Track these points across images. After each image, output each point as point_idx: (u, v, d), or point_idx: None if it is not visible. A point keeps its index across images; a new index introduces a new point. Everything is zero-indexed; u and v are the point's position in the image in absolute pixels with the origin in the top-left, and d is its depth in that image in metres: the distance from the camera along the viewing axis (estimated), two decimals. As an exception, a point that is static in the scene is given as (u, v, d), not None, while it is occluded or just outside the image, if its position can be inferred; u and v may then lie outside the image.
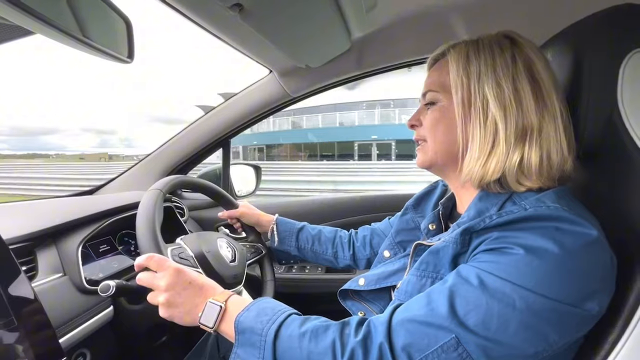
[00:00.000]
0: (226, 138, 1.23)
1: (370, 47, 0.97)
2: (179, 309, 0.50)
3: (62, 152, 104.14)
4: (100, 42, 0.51)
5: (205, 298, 0.50)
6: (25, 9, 0.38)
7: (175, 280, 0.51)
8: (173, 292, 0.50)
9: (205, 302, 0.49)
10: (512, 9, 0.81)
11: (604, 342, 0.41)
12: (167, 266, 0.53)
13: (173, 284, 0.51)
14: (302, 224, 0.89)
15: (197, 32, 0.74)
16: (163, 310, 0.51)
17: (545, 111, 0.44)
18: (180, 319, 0.50)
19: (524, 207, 0.41)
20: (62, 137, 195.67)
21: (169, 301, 0.50)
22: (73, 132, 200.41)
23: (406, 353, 0.38)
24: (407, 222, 0.67)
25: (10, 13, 0.38)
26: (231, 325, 0.46)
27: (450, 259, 0.44)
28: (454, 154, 0.49)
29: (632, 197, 0.44)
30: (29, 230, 0.67)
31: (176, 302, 0.50)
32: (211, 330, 0.48)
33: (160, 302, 0.51)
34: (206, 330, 0.49)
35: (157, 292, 0.52)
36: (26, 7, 0.38)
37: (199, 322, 0.49)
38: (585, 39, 0.50)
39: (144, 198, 0.68)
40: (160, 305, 0.51)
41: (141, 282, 0.53)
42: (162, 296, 0.51)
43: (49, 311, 0.52)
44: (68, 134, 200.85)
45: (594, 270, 0.38)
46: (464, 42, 0.50)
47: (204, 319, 0.48)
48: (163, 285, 0.51)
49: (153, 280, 0.52)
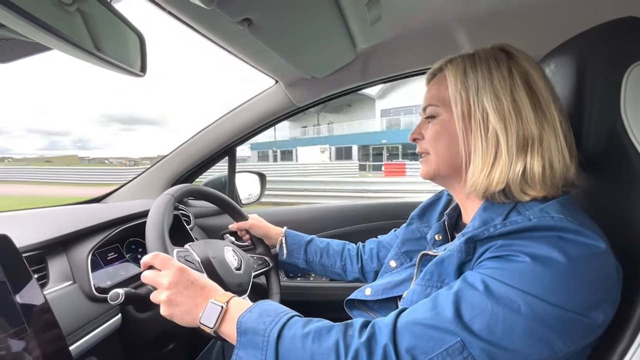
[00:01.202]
0: (232, 146, 1.24)
1: (374, 58, 0.99)
2: (180, 307, 0.50)
3: (8, 155, 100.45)
4: (114, 56, 0.53)
5: (206, 298, 0.50)
6: (42, 25, 0.39)
7: (178, 279, 0.51)
8: (175, 291, 0.51)
9: (206, 302, 0.49)
10: (515, 22, 0.83)
11: (612, 353, 0.41)
12: (171, 265, 0.53)
13: (175, 282, 0.51)
14: (311, 237, 0.89)
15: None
16: (164, 309, 0.51)
17: (545, 121, 0.45)
18: (180, 318, 0.51)
19: (528, 218, 0.41)
20: (3, 139, 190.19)
21: (170, 299, 0.51)
22: (17, 133, 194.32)
23: (410, 355, 0.39)
24: (412, 232, 0.68)
25: (27, 29, 0.40)
26: (232, 326, 0.46)
27: (455, 267, 0.44)
28: (457, 165, 0.50)
29: (636, 206, 0.45)
30: (41, 238, 0.68)
31: (177, 301, 0.50)
32: (211, 330, 0.48)
33: (162, 299, 0.51)
34: (206, 331, 0.49)
35: (160, 290, 0.52)
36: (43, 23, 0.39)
37: (199, 322, 0.49)
38: (588, 50, 0.51)
39: (155, 202, 0.70)
40: (162, 303, 0.51)
41: (145, 279, 0.54)
42: (164, 294, 0.51)
43: (60, 319, 0.53)
44: (12, 136, 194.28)
45: (598, 280, 0.38)
46: (460, 56, 0.51)
47: (205, 319, 0.48)
48: (165, 283, 0.51)
49: (156, 278, 0.53)
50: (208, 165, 1.27)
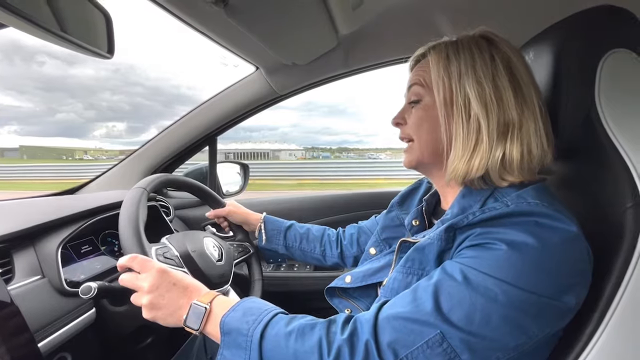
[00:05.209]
0: (212, 135, 1.21)
1: (357, 45, 0.97)
2: (163, 310, 0.49)
3: None
4: (79, 37, 0.49)
5: (189, 299, 0.49)
6: (1, 3, 0.36)
7: (159, 282, 0.50)
8: (156, 294, 0.49)
9: (189, 304, 0.48)
10: (496, 9, 0.83)
11: (581, 335, 0.42)
12: (151, 267, 0.52)
13: (156, 285, 0.50)
14: (290, 223, 0.88)
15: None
16: (146, 312, 0.50)
17: (525, 106, 0.45)
18: (164, 321, 0.50)
19: (505, 204, 0.42)
20: None
21: (152, 303, 0.49)
22: None
23: (392, 350, 0.39)
24: (392, 219, 0.68)
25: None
26: (217, 326, 0.46)
27: (436, 255, 0.44)
28: (438, 152, 0.50)
29: (606, 190, 0.46)
30: (4, 231, 0.65)
31: (160, 304, 0.49)
32: (196, 332, 0.47)
33: (144, 303, 0.50)
34: (191, 333, 0.48)
35: (140, 294, 0.51)
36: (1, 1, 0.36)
37: (183, 324, 0.48)
38: (565, 39, 0.51)
39: (126, 197, 0.67)
40: (144, 307, 0.50)
41: (124, 283, 0.52)
42: (145, 298, 0.50)
43: (27, 315, 0.50)
44: None
45: (571, 264, 0.39)
46: (443, 43, 0.51)
47: (189, 321, 0.48)
48: (146, 287, 0.50)
49: (136, 282, 0.51)
50: (188, 155, 1.24)
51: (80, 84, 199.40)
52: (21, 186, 12.17)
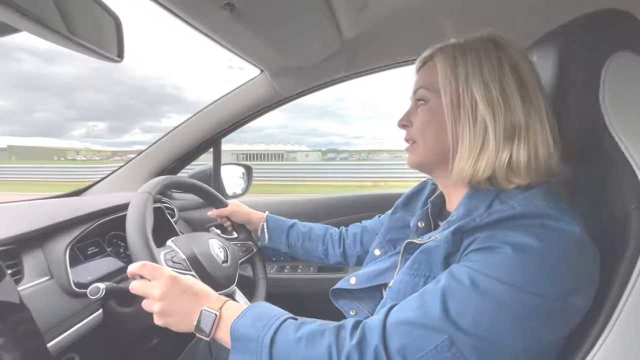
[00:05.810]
0: (217, 138, 1.22)
1: (361, 48, 0.98)
2: (174, 317, 0.50)
3: None
4: (88, 40, 0.50)
5: (200, 306, 0.49)
6: (11, 5, 0.37)
7: (169, 289, 0.50)
8: (167, 301, 0.50)
9: (200, 310, 0.49)
10: (499, 12, 0.83)
11: (587, 337, 0.42)
12: (161, 274, 0.52)
13: (167, 293, 0.50)
14: (293, 222, 0.89)
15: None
16: (158, 319, 0.51)
17: (532, 109, 0.45)
18: (175, 327, 0.50)
19: (512, 206, 0.42)
20: None
21: (163, 310, 0.50)
22: None
23: (401, 355, 0.39)
24: (397, 221, 0.68)
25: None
26: (227, 332, 0.46)
27: (442, 258, 0.45)
28: (444, 154, 0.50)
29: (611, 192, 0.46)
30: (14, 232, 0.66)
31: (171, 311, 0.50)
32: (207, 338, 0.48)
33: (155, 311, 0.50)
34: (202, 338, 0.49)
35: (152, 301, 0.51)
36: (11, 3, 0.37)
37: (194, 330, 0.49)
38: (569, 41, 0.51)
39: (133, 202, 0.67)
40: (155, 314, 0.51)
41: (135, 290, 0.53)
42: (157, 305, 0.50)
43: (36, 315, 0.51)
44: None
45: (578, 266, 0.39)
46: (450, 45, 0.51)
47: (200, 327, 0.48)
48: (157, 294, 0.50)
49: (146, 289, 0.52)
50: (192, 157, 1.24)
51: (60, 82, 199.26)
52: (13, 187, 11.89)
